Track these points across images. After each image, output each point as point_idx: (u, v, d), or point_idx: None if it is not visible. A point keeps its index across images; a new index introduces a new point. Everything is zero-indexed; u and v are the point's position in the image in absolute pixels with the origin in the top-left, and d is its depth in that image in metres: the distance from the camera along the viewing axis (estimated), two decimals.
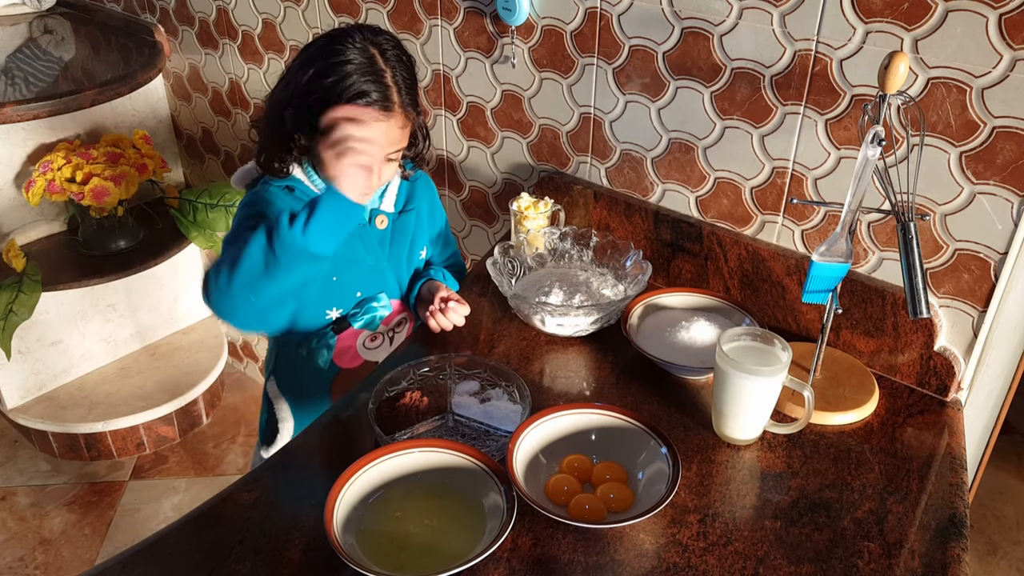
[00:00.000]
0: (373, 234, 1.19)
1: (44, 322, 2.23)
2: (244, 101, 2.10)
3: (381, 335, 1.26)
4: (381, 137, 1.05)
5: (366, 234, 1.18)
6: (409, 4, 1.54)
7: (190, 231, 2.26)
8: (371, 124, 1.03)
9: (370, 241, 1.19)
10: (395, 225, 1.22)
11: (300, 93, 1.05)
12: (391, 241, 1.22)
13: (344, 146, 0.99)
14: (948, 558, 0.87)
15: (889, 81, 0.89)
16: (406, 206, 1.24)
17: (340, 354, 1.24)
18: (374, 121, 1.04)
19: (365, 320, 1.21)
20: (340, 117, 1.02)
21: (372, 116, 1.04)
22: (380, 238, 1.20)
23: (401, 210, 1.23)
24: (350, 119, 1.02)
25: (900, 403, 1.10)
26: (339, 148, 1.00)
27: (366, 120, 1.03)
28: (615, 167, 1.38)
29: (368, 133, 1.02)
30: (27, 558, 2.00)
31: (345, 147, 0.99)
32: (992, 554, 1.97)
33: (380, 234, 1.20)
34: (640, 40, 1.25)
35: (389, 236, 1.21)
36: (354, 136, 1.00)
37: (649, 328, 1.20)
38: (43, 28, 2.39)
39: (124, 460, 2.31)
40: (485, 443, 1.02)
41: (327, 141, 1.01)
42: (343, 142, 1.00)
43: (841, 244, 0.98)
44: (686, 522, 0.91)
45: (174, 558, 0.87)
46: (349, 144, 0.99)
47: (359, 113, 1.03)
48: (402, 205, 1.23)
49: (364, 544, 0.85)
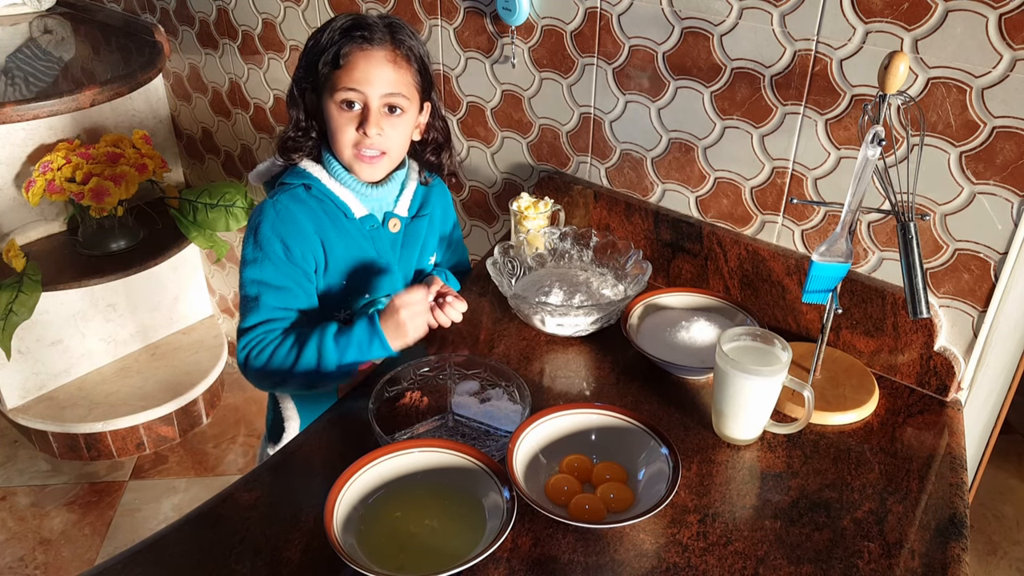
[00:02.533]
0: (385, 237, 1.19)
1: (44, 322, 2.23)
2: (244, 101, 2.10)
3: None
4: (372, 70, 1.08)
5: (378, 236, 1.18)
6: (409, 4, 1.54)
7: (190, 231, 2.26)
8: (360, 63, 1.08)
9: (382, 244, 1.19)
10: (407, 229, 1.22)
11: (302, 60, 1.12)
12: (402, 245, 1.22)
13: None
14: (948, 558, 0.87)
15: (889, 81, 0.89)
16: (419, 211, 1.24)
17: None
18: (367, 55, 1.08)
19: None
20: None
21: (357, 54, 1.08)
22: (392, 241, 1.20)
23: (415, 215, 1.23)
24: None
25: (900, 403, 1.10)
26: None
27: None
28: (615, 167, 1.38)
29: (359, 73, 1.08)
30: (27, 558, 2.00)
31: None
32: (992, 554, 1.97)
33: (392, 237, 1.20)
34: (640, 40, 1.25)
35: (401, 240, 1.21)
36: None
37: (649, 328, 1.20)
38: (43, 28, 2.39)
39: (124, 460, 2.31)
40: (485, 443, 1.02)
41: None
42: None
43: (841, 244, 0.98)
44: (686, 522, 0.91)
45: (174, 558, 0.87)
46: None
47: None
48: (416, 210, 1.23)
49: (364, 544, 0.85)
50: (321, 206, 1.13)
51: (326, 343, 1.07)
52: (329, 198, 1.14)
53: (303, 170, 1.15)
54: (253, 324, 1.10)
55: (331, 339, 1.07)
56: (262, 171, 1.22)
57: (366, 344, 1.07)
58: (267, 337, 1.09)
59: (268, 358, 1.08)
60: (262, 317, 1.09)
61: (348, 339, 1.07)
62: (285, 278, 1.11)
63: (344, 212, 1.15)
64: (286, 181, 1.15)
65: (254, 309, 1.10)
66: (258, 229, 1.11)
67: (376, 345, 1.08)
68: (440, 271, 1.30)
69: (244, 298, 1.12)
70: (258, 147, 2.17)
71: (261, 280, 1.10)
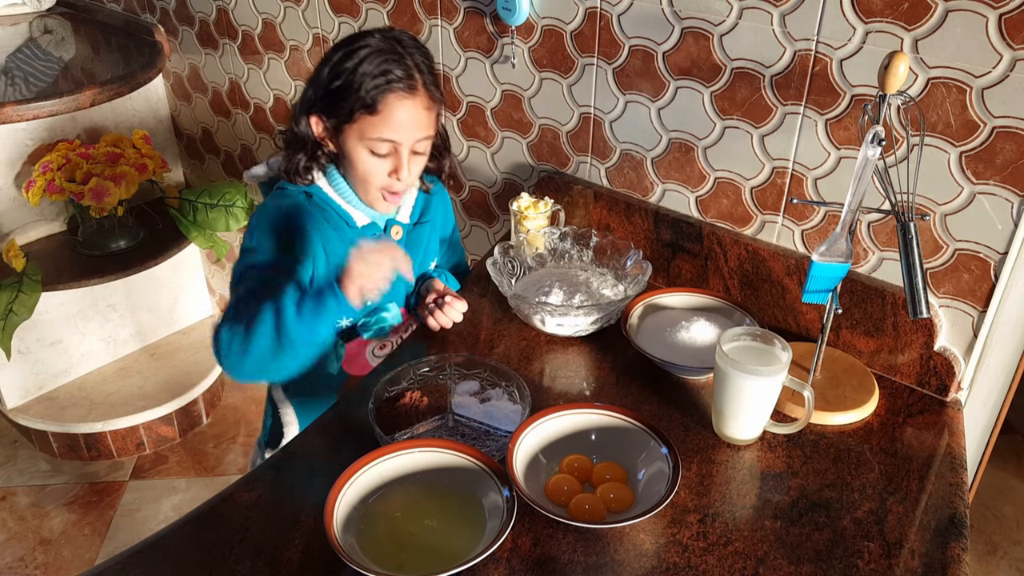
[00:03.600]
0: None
1: (44, 322, 2.23)
2: (244, 101, 2.10)
3: (390, 343, 1.26)
4: (409, 120, 1.05)
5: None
6: (409, 4, 1.54)
7: (190, 231, 2.26)
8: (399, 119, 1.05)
9: None
10: (409, 237, 1.22)
11: (325, 84, 1.06)
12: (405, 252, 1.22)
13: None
14: (948, 558, 0.87)
15: (889, 81, 0.89)
16: (421, 218, 1.23)
17: (349, 361, 1.23)
18: (403, 104, 1.05)
19: (375, 330, 1.21)
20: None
21: (398, 104, 1.05)
22: None
23: (416, 222, 1.23)
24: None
25: (900, 403, 1.10)
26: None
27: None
28: (615, 167, 1.38)
29: (399, 119, 1.04)
30: (27, 558, 1.99)
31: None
32: (992, 554, 1.97)
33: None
34: (640, 40, 1.25)
35: (403, 247, 1.21)
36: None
37: (649, 328, 1.20)
38: (43, 28, 2.39)
39: (124, 460, 2.31)
40: (485, 443, 1.02)
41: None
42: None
43: (841, 244, 0.98)
44: (686, 522, 0.91)
45: (174, 558, 0.87)
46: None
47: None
48: (417, 217, 1.23)
49: (364, 544, 0.85)
50: (323, 214, 1.13)
51: (284, 297, 1.00)
52: (331, 207, 1.14)
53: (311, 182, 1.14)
54: (232, 302, 1.06)
55: (289, 292, 1.01)
56: (259, 174, 1.21)
57: (322, 293, 1.01)
58: (235, 308, 1.04)
59: (231, 325, 1.02)
60: (240, 296, 1.06)
61: (307, 292, 1.02)
62: (274, 270, 1.08)
63: (346, 221, 1.14)
64: (284, 186, 1.14)
65: (236, 292, 1.07)
66: (259, 225, 1.10)
67: (328, 291, 1.00)
68: (439, 272, 1.30)
69: (231, 288, 1.09)
70: (258, 147, 2.17)
71: (250, 266, 1.08)
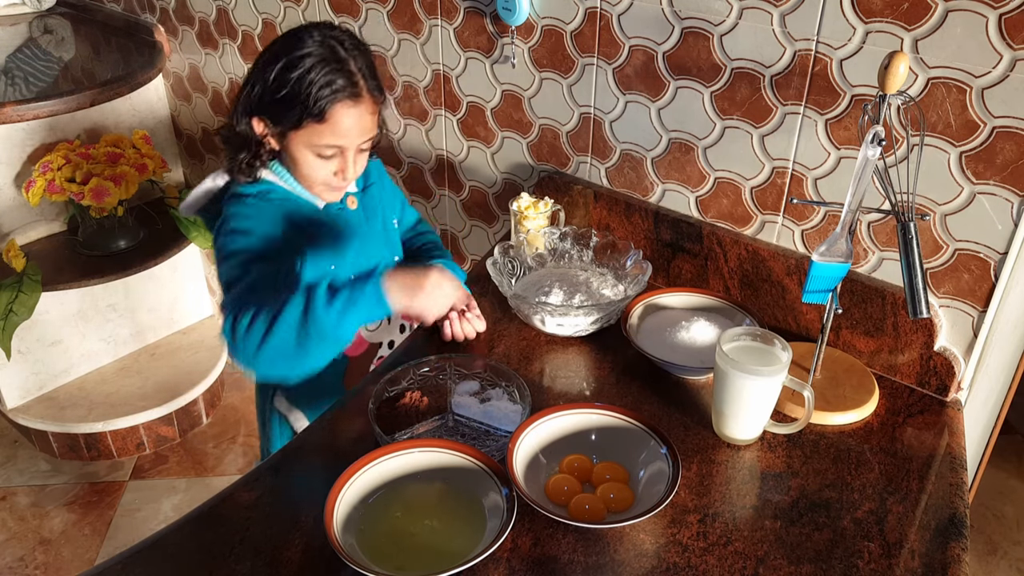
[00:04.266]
0: (350, 215, 1.20)
1: (44, 322, 2.23)
2: None
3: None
4: (355, 126, 1.06)
5: (346, 216, 1.19)
6: (409, 4, 1.54)
7: (190, 231, 2.26)
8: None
9: (352, 222, 1.19)
10: (364, 202, 1.23)
11: (269, 91, 1.06)
12: (366, 218, 1.22)
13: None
14: (948, 558, 0.87)
15: (889, 81, 0.89)
16: (366, 182, 1.25)
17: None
18: (349, 112, 1.05)
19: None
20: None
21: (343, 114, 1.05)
22: (357, 217, 1.21)
23: (364, 187, 1.24)
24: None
25: (900, 403, 1.10)
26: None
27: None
28: (615, 167, 1.38)
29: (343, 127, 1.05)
30: (27, 558, 2.00)
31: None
32: (992, 554, 1.97)
33: (355, 214, 1.20)
34: (640, 40, 1.25)
35: (363, 214, 1.22)
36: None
37: (649, 328, 1.20)
38: (43, 28, 2.39)
39: (124, 460, 2.31)
40: (485, 443, 1.02)
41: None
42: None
43: (841, 244, 0.98)
44: (686, 522, 0.91)
45: (174, 558, 0.87)
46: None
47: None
48: (363, 183, 1.24)
49: (364, 544, 0.85)
50: (285, 205, 1.13)
51: (318, 288, 0.98)
52: (291, 198, 1.14)
53: (259, 179, 1.13)
54: (240, 292, 1.03)
55: (323, 284, 0.99)
56: (199, 197, 1.17)
57: (359, 288, 0.98)
58: (252, 298, 1.01)
59: (254, 314, 0.98)
60: (250, 281, 1.04)
61: (341, 284, 0.99)
62: (271, 250, 1.07)
63: (309, 206, 1.15)
64: (240, 192, 1.12)
65: (242, 280, 1.04)
66: (234, 228, 1.08)
67: (370, 293, 0.98)
68: (448, 264, 1.28)
69: (230, 280, 1.05)
70: None
71: (247, 259, 1.05)
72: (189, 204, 1.18)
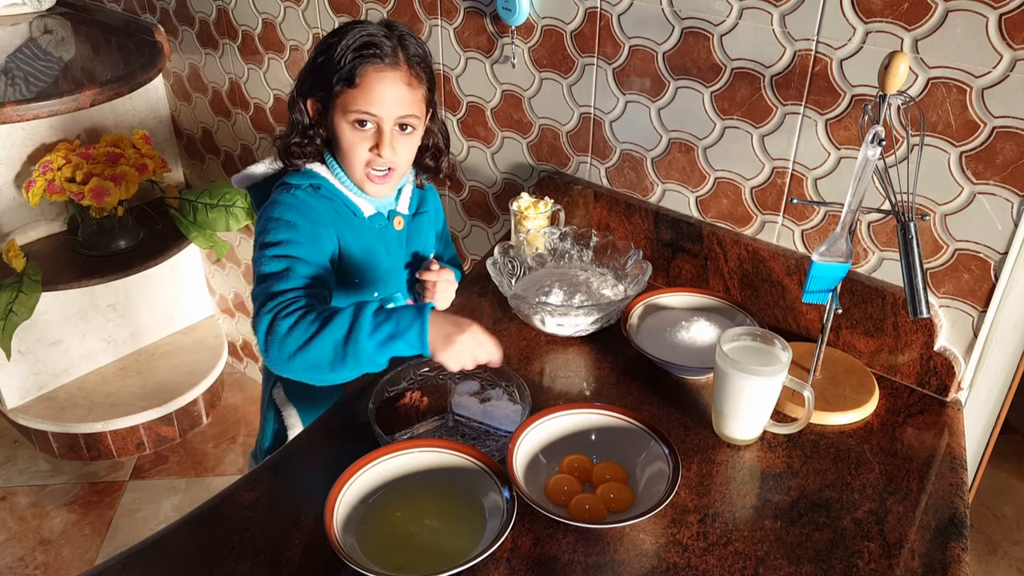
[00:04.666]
0: (392, 235, 1.19)
1: (44, 322, 2.23)
2: (244, 101, 2.10)
3: None
4: (389, 95, 1.06)
5: (386, 234, 1.19)
6: (409, 4, 1.54)
7: (190, 231, 2.26)
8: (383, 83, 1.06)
9: (390, 241, 1.19)
10: (410, 227, 1.23)
11: (313, 66, 1.09)
12: (407, 242, 1.22)
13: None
14: (948, 558, 0.87)
15: (889, 81, 0.89)
16: (419, 209, 1.24)
17: None
18: (382, 77, 1.05)
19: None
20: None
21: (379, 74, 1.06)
22: (399, 239, 1.20)
23: (415, 212, 1.24)
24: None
25: (900, 403, 1.10)
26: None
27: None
28: (615, 167, 1.38)
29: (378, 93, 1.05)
30: (27, 558, 2.00)
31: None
32: (992, 554, 1.97)
33: (398, 235, 1.20)
34: (640, 40, 1.25)
35: (405, 237, 1.22)
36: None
37: (649, 328, 1.20)
38: (43, 28, 2.39)
39: (124, 460, 2.31)
40: (485, 443, 1.02)
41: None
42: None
43: (841, 244, 0.98)
44: (686, 522, 0.91)
45: (174, 558, 0.87)
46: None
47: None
48: (415, 208, 1.24)
49: (364, 544, 0.85)
50: (332, 205, 1.13)
51: (364, 311, 0.97)
52: (339, 198, 1.14)
53: (310, 170, 1.13)
54: (285, 289, 1.01)
55: (371, 309, 0.98)
56: (253, 174, 1.20)
57: (405, 324, 0.97)
58: (298, 301, 1.00)
59: (297, 319, 0.97)
60: (295, 284, 1.02)
61: (388, 314, 0.97)
62: (313, 255, 1.06)
63: (354, 211, 1.15)
64: (291, 182, 1.13)
65: (285, 278, 1.02)
66: (281, 216, 1.07)
67: (415, 332, 0.96)
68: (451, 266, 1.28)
69: (270, 274, 1.03)
70: (258, 147, 2.17)
71: (289, 255, 1.05)
72: (241, 178, 1.20)
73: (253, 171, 1.20)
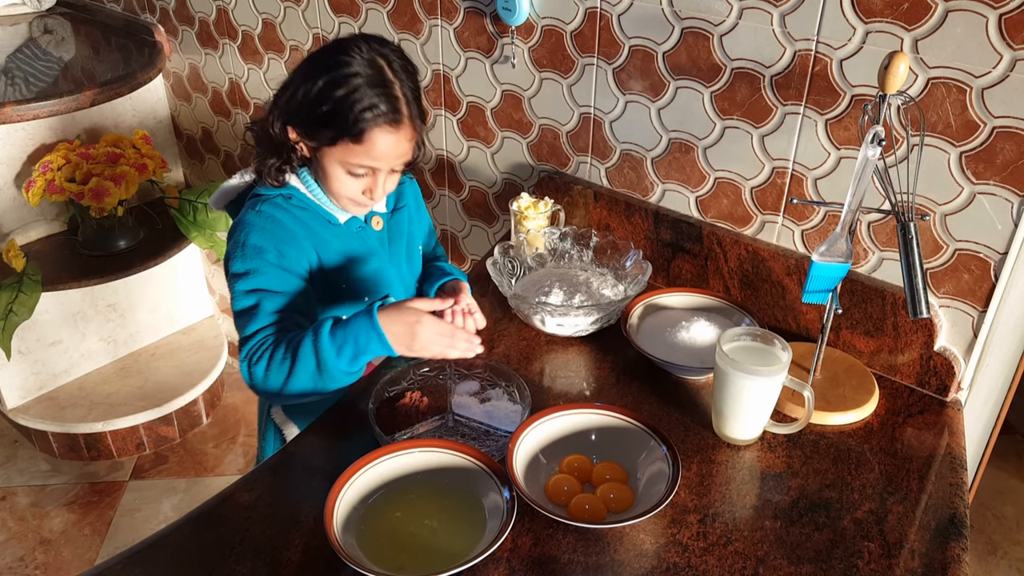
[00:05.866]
0: (372, 235, 1.19)
1: (44, 322, 2.23)
2: (244, 101, 2.10)
3: None
4: (391, 150, 1.05)
5: (366, 236, 1.18)
6: (409, 4, 1.54)
7: (190, 231, 2.26)
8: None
9: (370, 243, 1.19)
10: (390, 224, 1.22)
11: (309, 104, 1.04)
12: (389, 240, 1.22)
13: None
14: (948, 558, 0.87)
15: (889, 81, 0.89)
16: (397, 204, 1.24)
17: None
18: (387, 136, 1.04)
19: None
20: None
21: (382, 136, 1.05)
22: (379, 239, 1.20)
23: (393, 209, 1.23)
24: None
25: (900, 403, 1.10)
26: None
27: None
28: (615, 167, 1.38)
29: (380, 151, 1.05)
30: (27, 558, 2.00)
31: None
32: (992, 554, 1.97)
33: (378, 235, 1.20)
34: (640, 40, 1.25)
35: (387, 236, 1.21)
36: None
37: (649, 328, 1.20)
38: (43, 28, 2.39)
39: (124, 460, 2.31)
40: (485, 443, 1.02)
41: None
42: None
43: (841, 244, 0.98)
44: (686, 522, 0.91)
45: (174, 558, 0.87)
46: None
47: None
48: (393, 204, 1.23)
49: (364, 544, 0.85)
50: (304, 214, 1.12)
51: (322, 338, 1.01)
52: (312, 207, 1.13)
53: (283, 180, 1.12)
54: (253, 331, 1.05)
55: (327, 333, 1.01)
56: (227, 192, 1.19)
57: (363, 338, 1.00)
58: (266, 342, 1.04)
59: (268, 362, 1.02)
60: (262, 323, 1.05)
61: (345, 332, 1.02)
62: (282, 283, 1.08)
63: (328, 219, 1.14)
64: (261, 193, 1.12)
65: (253, 316, 1.06)
66: (246, 241, 1.08)
67: (374, 340, 1.00)
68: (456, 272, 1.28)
69: (241, 311, 1.07)
70: None
71: (257, 288, 1.07)
72: (217, 199, 1.20)
73: (227, 186, 1.19)
